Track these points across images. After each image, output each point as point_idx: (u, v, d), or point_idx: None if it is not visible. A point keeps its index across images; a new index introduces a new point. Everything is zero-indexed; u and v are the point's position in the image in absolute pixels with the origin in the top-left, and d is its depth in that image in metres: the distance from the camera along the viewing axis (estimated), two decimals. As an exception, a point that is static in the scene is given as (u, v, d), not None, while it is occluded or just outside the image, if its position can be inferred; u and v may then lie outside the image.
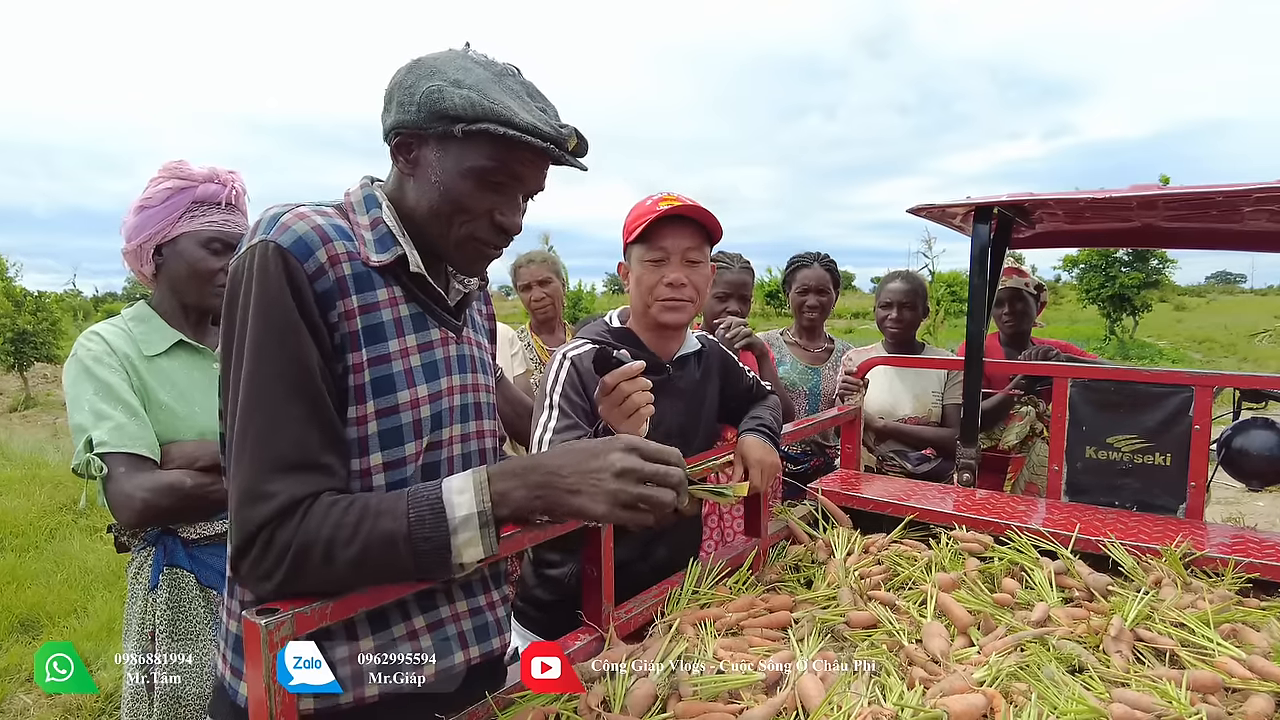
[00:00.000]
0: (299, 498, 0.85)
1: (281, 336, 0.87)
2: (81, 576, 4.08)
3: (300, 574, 0.84)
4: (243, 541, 0.85)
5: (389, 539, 0.84)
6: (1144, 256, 16.51)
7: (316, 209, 0.95)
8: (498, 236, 1.00)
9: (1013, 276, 2.92)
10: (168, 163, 1.53)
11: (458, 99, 0.91)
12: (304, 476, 0.86)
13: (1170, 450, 1.92)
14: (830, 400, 2.67)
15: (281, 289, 0.87)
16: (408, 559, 0.85)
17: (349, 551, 0.83)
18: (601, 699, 1.06)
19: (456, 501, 0.86)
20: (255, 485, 0.85)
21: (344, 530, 0.84)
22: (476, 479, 0.88)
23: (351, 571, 0.84)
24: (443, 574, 0.87)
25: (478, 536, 0.86)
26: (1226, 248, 2.70)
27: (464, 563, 0.86)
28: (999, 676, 1.14)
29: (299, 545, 0.83)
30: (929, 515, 1.82)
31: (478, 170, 0.95)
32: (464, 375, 1.07)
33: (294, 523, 0.84)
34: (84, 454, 1.35)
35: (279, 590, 0.85)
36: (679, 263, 1.50)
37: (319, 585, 0.86)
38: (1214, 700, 1.10)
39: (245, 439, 0.86)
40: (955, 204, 2.20)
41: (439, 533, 0.85)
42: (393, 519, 0.85)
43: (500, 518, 0.87)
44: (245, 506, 0.85)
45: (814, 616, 1.36)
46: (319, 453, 0.88)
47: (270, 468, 0.85)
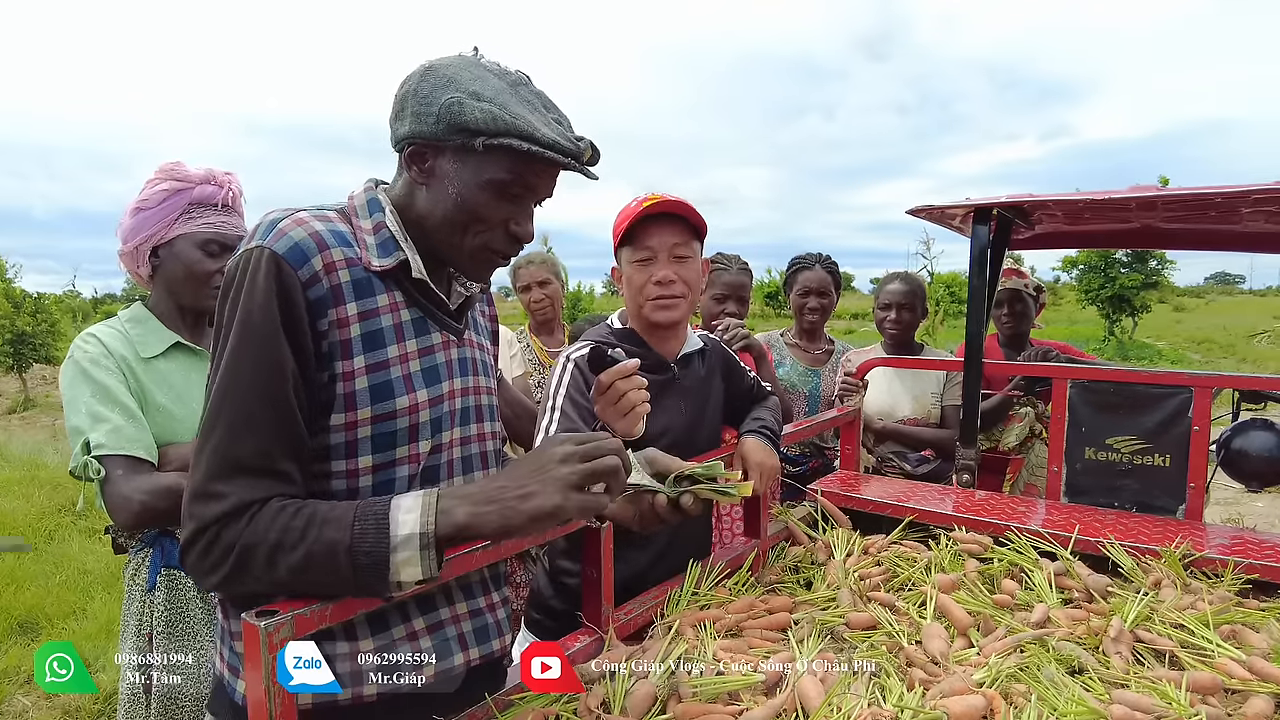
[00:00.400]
0: (249, 501, 0.85)
1: (262, 342, 0.87)
2: (80, 578, 4.08)
3: (243, 574, 0.84)
4: (190, 536, 0.86)
5: (331, 549, 0.83)
6: (1143, 257, 16.52)
7: (317, 214, 0.95)
8: (511, 246, 1.01)
9: (1012, 278, 2.92)
10: (164, 164, 1.52)
11: (479, 113, 0.91)
12: (258, 481, 0.86)
13: (1169, 451, 1.92)
14: (830, 401, 2.67)
15: (268, 296, 0.87)
16: (347, 571, 0.83)
17: (292, 557, 0.83)
18: (601, 700, 1.06)
19: (402, 520, 0.85)
20: (208, 484, 0.85)
21: (290, 535, 0.84)
22: (426, 500, 0.86)
23: (292, 577, 0.84)
24: (381, 590, 0.85)
25: (417, 557, 0.84)
26: (1225, 249, 2.71)
27: (401, 581, 0.85)
28: (998, 678, 1.14)
29: (243, 546, 0.84)
30: (928, 516, 1.81)
31: (496, 183, 0.95)
32: (465, 379, 1.07)
33: (241, 524, 0.84)
34: (81, 456, 1.35)
35: (221, 587, 0.87)
36: (666, 260, 1.50)
37: (261, 587, 0.86)
38: (1213, 701, 1.10)
39: (209, 437, 0.87)
40: (954, 205, 2.21)
41: (380, 548, 0.83)
42: (337, 529, 0.84)
43: (442, 537, 0.85)
44: (196, 503, 0.86)
45: (814, 618, 1.36)
46: (278, 459, 0.88)
47: (227, 469, 0.85)
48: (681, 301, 1.52)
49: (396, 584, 0.85)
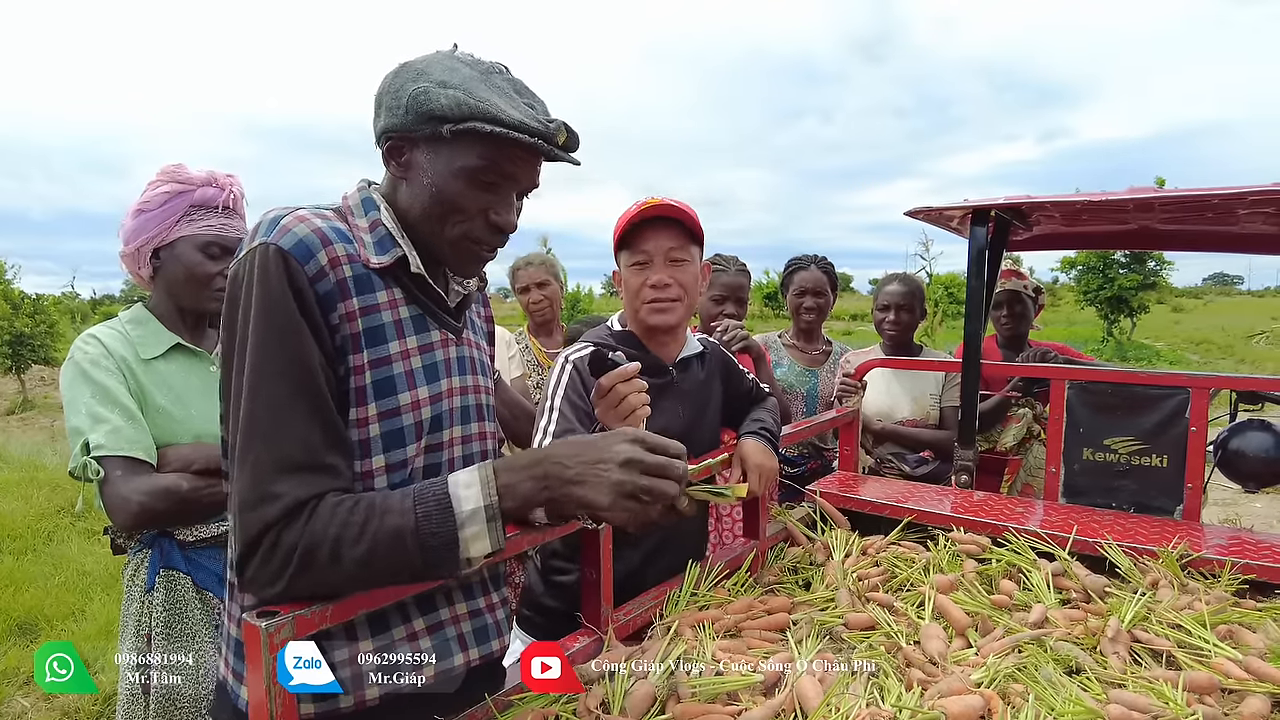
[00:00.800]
0: (304, 499, 0.85)
1: (284, 337, 0.87)
2: (79, 579, 4.07)
3: (307, 575, 0.84)
4: (248, 545, 0.84)
5: (397, 535, 0.84)
6: (1141, 258, 16.53)
7: (316, 212, 0.95)
8: (493, 236, 1.01)
9: (1011, 279, 2.92)
10: (166, 166, 1.53)
11: (444, 99, 0.91)
12: (309, 477, 0.86)
13: (1167, 452, 1.93)
14: (828, 402, 2.67)
15: (283, 290, 0.87)
16: (415, 555, 0.84)
17: (357, 550, 0.83)
18: (600, 700, 1.06)
19: (464, 495, 0.86)
20: (260, 487, 0.84)
21: (351, 529, 0.84)
22: (483, 474, 0.87)
23: (359, 570, 0.84)
24: (450, 569, 0.86)
25: (485, 530, 0.86)
26: (1222, 250, 2.71)
27: (471, 557, 0.86)
28: (996, 678, 1.14)
29: (305, 546, 0.83)
30: (927, 517, 1.82)
31: (469, 169, 0.95)
32: (464, 377, 1.07)
33: (300, 524, 0.84)
34: (81, 457, 1.35)
35: (285, 593, 0.84)
36: (662, 263, 1.51)
37: (325, 586, 0.85)
38: (1210, 701, 1.10)
39: (249, 441, 0.86)
40: (952, 207, 2.21)
41: (446, 527, 0.85)
42: (400, 515, 0.85)
43: (506, 510, 0.87)
44: (249, 509, 0.84)
45: (812, 618, 1.36)
46: (324, 453, 0.88)
47: (275, 469, 0.85)
48: (678, 305, 1.53)
49: (467, 560, 0.86)
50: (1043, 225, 2.56)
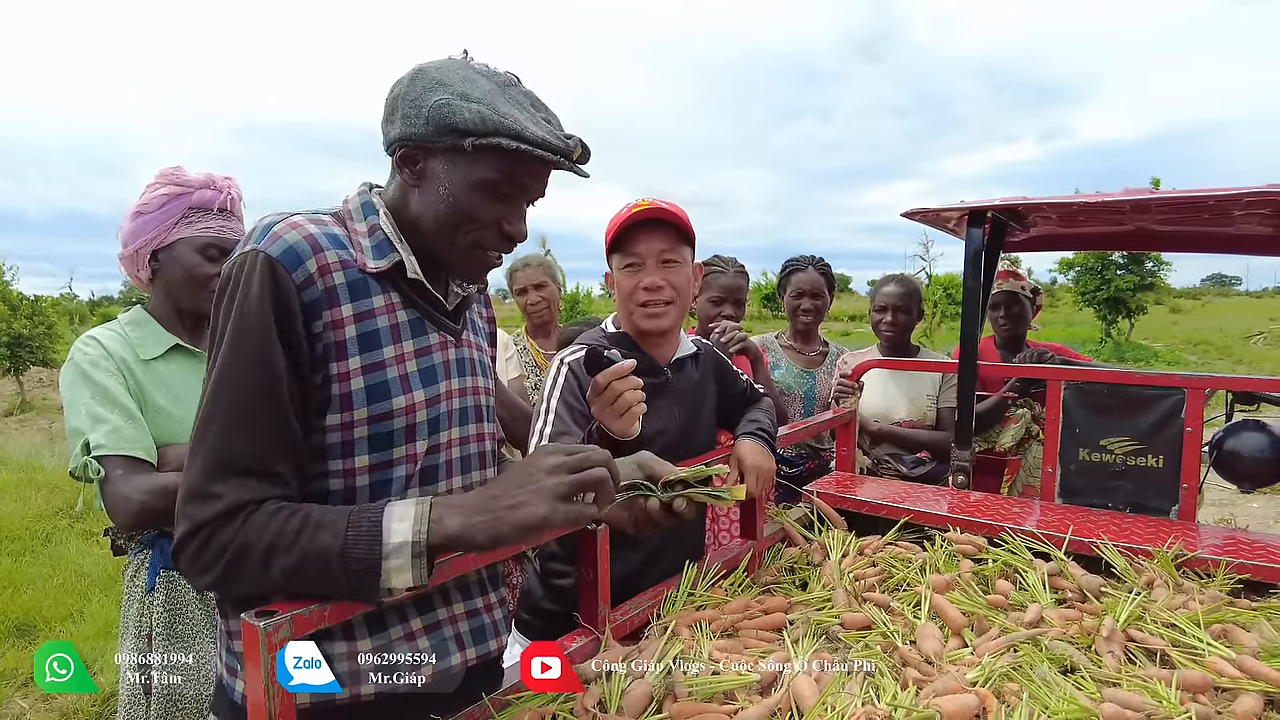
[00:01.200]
0: (244, 502, 0.86)
1: (252, 344, 0.88)
2: (78, 581, 4.07)
3: (235, 576, 0.86)
4: (184, 535, 0.86)
5: (324, 554, 0.84)
6: (1139, 259, 16.55)
7: (311, 218, 0.96)
8: (504, 244, 1.02)
9: (1009, 280, 2.93)
10: (164, 169, 1.53)
11: (468, 113, 0.92)
12: (253, 482, 0.87)
13: (1163, 452, 1.93)
14: (825, 403, 2.67)
15: (262, 298, 0.88)
16: (339, 576, 0.84)
17: (285, 560, 0.84)
18: (598, 700, 1.07)
19: (395, 528, 0.86)
20: (203, 484, 0.86)
21: (284, 538, 0.85)
22: (419, 509, 0.87)
23: (285, 580, 0.85)
24: (371, 597, 0.87)
25: (409, 564, 0.85)
26: (1219, 251, 2.72)
27: (392, 588, 0.86)
28: (992, 677, 1.14)
29: (237, 548, 0.85)
30: (924, 517, 1.82)
31: (487, 182, 0.96)
32: (463, 379, 1.08)
33: (235, 525, 0.85)
34: (81, 457, 1.35)
35: (215, 587, 0.89)
36: (655, 266, 1.51)
37: (254, 588, 0.87)
38: (1204, 700, 1.11)
39: (203, 437, 0.88)
40: (949, 208, 2.22)
41: (371, 555, 0.84)
42: (331, 535, 0.85)
43: (434, 546, 0.86)
44: (190, 503, 0.86)
45: (809, 618, 1.37)
46: (272, 461, 0.89)
47: (221, 469, 0.86)
48: (670, 308, 1.53)
49: (387, 590, 0.86)
50: (1040, 226, 2.57)
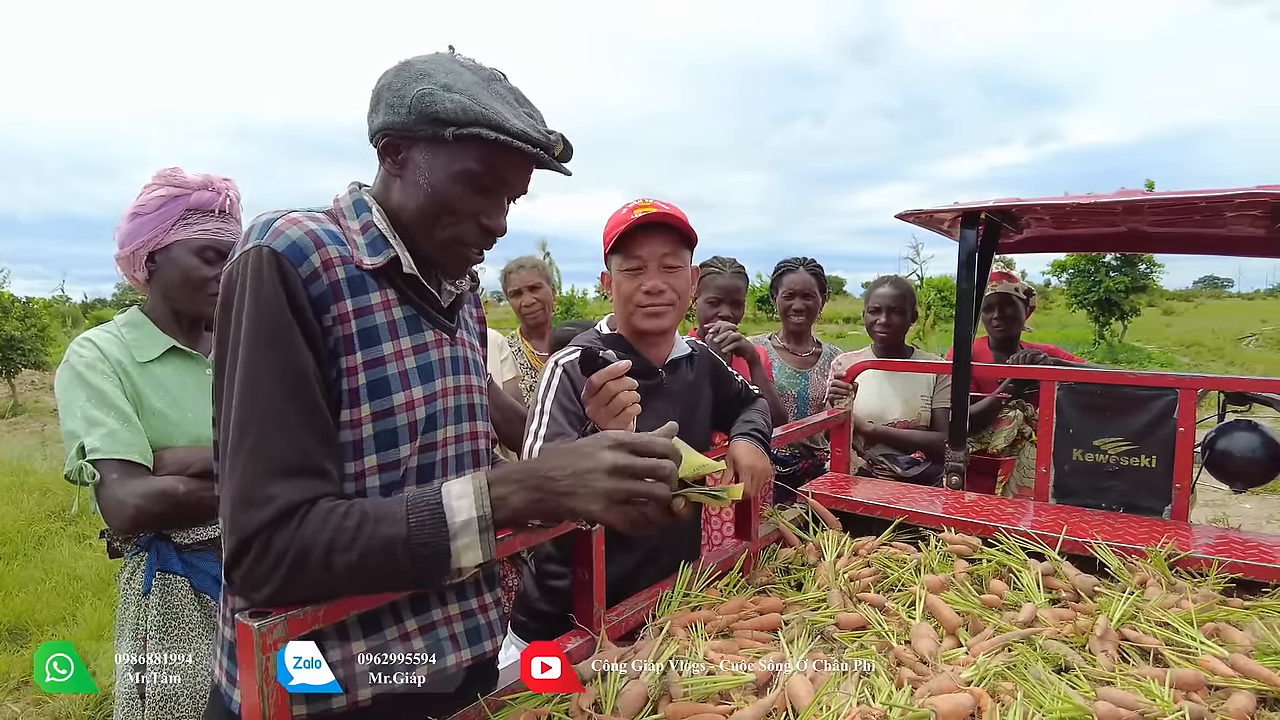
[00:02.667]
0: (296, 502, 0.85)
1: (276, 340, 0.87)
2: (70, 584, 4.05)
3: (297, 580, 0.84)
4: (238, 547, 0.84)
5: (388, 544, 0.84)
6: (1132, 261, 16.61)
7: (308, 214, 0.96)
8: (483, 239, 1.02)
9: (1002, 281, 2.95)
10: (162, 170, 1.53)
11: (449, 103, 0.92)
12: (301, 481, 0.86)
13: (1156, 452, 1.94)
14: (818, 404, 2.68)
15: (276, 293, 0.87)
16: (405, 564, 0.84)
17: (347, 557, 0.83)
18: (593, 700, 1.07)
19: (456, 506, 0.86)
20: (251, 490, 0.84)
21: (343, 535, 0.84)
22: (476, 484, 0.88)
23: (348, 577, 0.85)
24: (439, 579, 0.87)
25: (477, 541, 0.86)
26: (1210, 252, 2.74)
27: (462, 567, 0.86)
28: (986, 676, 1.15)
29: (297, 550, 0.83)
30: (918, 518, 1.83)
31: (466, 173, 0.96)
32: (458, 377, 1.08)
33: (291, 528, 0.84)
34: (76, 460, 1.35)
35: (274, 597, 0.84)
36: (656, 269, 1.52)
37: (314, 591, 0.86)
38: (1197, 698, 1.11)
39: (241, 443, 0.86)
40: (943, 210, 2.23)
41: (438, 538, 0.85)
42: (392, 524, 0.85)
43: (499, 522, 0.88)
44: (240, 511, 0.84)
45: (804, 618, 1.37)
46: (316, 457, 0.88)
47: (267, 472, 0.85)
48: (671, 310, 1.54)
49: (457, 570, 0.86)
50: (1033, 228, 2.58)
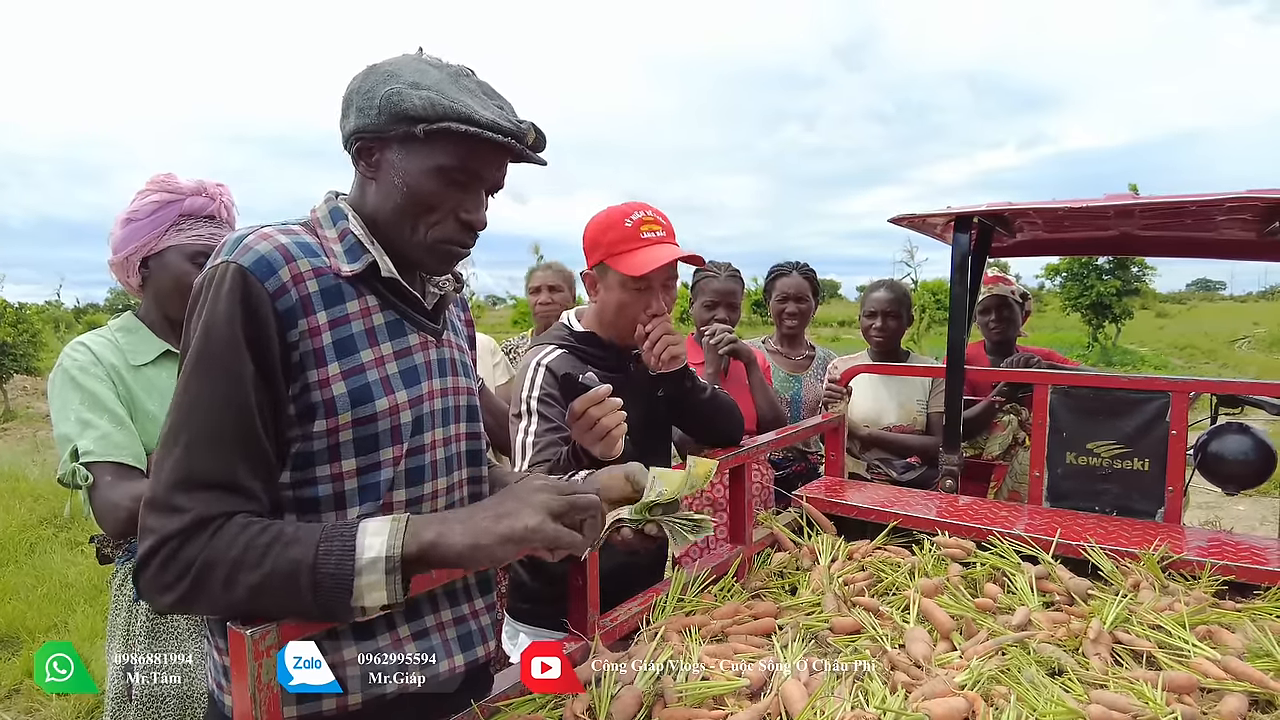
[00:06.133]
0: (210, 516, 0.84)
1: (221, 358, 0.86)
2: (62, 591, 4.03)
3: (199, 594, 0.82)
4: (148, 550, 0.83)
5: (293, 568, 0.82)
6: (1124, 264, 16.68)
7: (281, 229, 0.96)
8: (464, 234, 1.02)
9: (998, 284, 2.95)
10: (156, 175, 1.53)
11: (418, 100, 0.92)
12: (220, 496, 0.85)
13: (1148, 455, 1.95)
14: (812, 408, 2.68)
15: (232, 311, 0.87)
16: (307, 592, 0.82)
17: (252, 576, 0.82)
18: (587, 706, 1.07)
19: (368, 543, 0.84)
20: (167, 497, 0.84)
21: (252, 553, 0.82)
22: (395, 525, 0.86)
23: (250, 597, 0.82)
24: (341, 615, 0.84)
25: (383, 581, 0.83)
26: (1202, 256, 2.75)
27: (365, 606, 0.84)
28: (980, 680, 1.15)
29: (202, 563, 0.82)
30: (912, 522, 1.83)
31: (440, 169, 0.96)
32: (444, 379, 1.08)
33: (203, 539, 0.83)
34: (69, 463, 1.34)
35: (176, 606, 0.83)
36: (660, 288, 1.55)
37: (216, 608, 0.84)
38: (1189, 700, 1.12)
39: (168, 451, 0.86)
40: (936, 213, 2.24)
41: (343, 570, 0.83)
42: (302, 548, 0.83)
43: (409, 560, 0.85)
44: (154, 514, 0.84)
45: (798, 623, 1.38)
46: (241, 475, 0.87)
47: (186, 482, 0.84)
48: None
49: (359, 609, 0.84)
50: (1025, 232, 2.59)
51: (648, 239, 1.51)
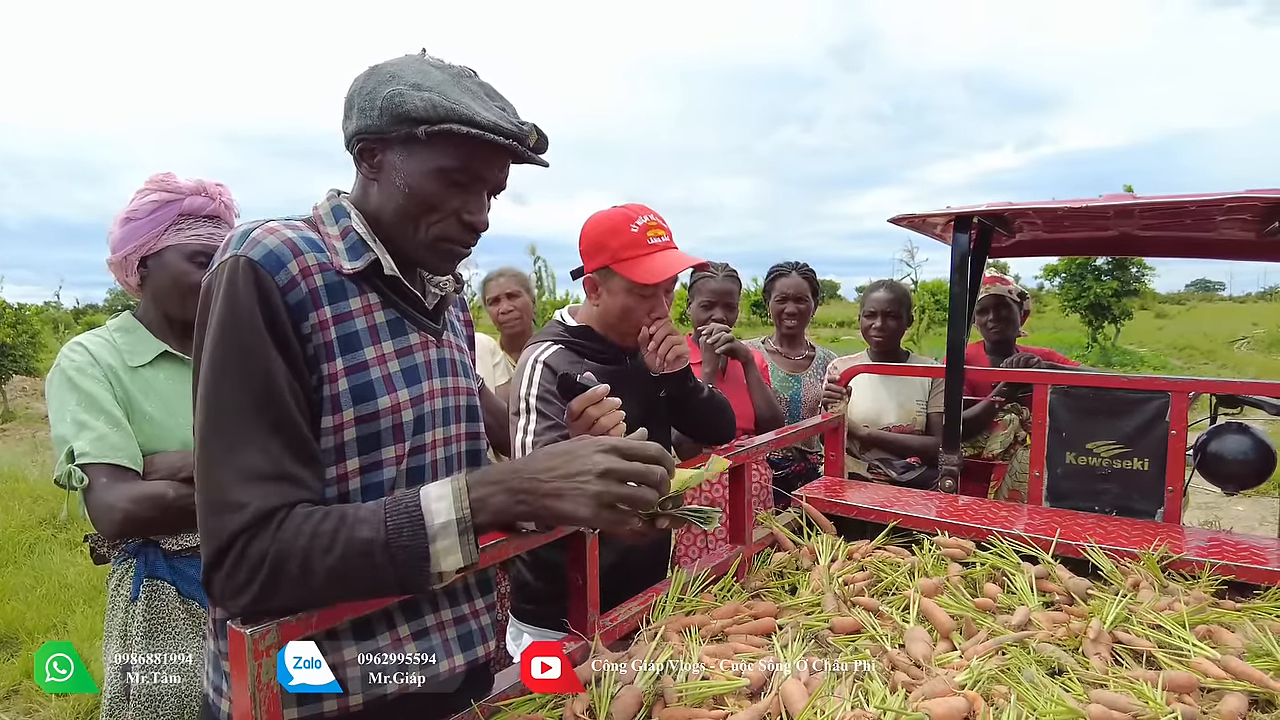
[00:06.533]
0: (272, 508, 0.84)
1: (247, 350, 0.86)
2: (61, 592, 4.02)
3: (276, 586, 0.82)
4: (215, 554, 0.83)
5: (366, 547, 0.83)
6: (1123, 265, 16.68)
7: (286, 223, 0.96)
8: (466, 234, 1.02)
9: (995, 284, 2.95)
10: (155, 175, 1.52)
11: (419, 101, 0.92)
12: (275, 487, 0.85)
13: (1148, 455, 1.95)
14: (811, 408, 2.69)
15: (250, 303, 0.87)
16: (386, 568, 0.83)
17: (326, 561, 0.82)
18: (586, 706, 1.06)
19: (435, 509, 0.85)
20: (224, 496, 0.84)
21: (321, 539, 0.82)
22: (455, 486, 0.86)
23: (330, 583, 0.83)
24: (422, 583, 0.85)
25: (456, 544, 0.84)
26: (1200, 256, 2.76)
27: (443, 571, 0.85)
28: (980, 679, 1.15)
29: (275, 556, 0.82)
30: (912, 522, 1.83)
31: (442, 170, 0.96)
32: (444, 379, 1.08)
33: (269, 532, 0.83)
34: (65, 465, 1.34)
35: (253, 605, 0.83)
36: (662, 294, 1.57)
37: (295, 599, 0.84)
38: (1189, 700, 1.11)
39: (210, 451, 0.85)
40: (935, 213, 2.24)
41: (417, 540, 0.84)
42: (370, 527, 0.83)
43: (480, 524, 0.86)
44: (215, 518, 0.84)
45: (798, 623, 1.37)
46: (289, 464, 0.87)
47: (239, 478, 0.84)
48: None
49: (438, 574, 0.85)
50: (1025, 232, 2.59)
51: (655, 244, 1.51)
